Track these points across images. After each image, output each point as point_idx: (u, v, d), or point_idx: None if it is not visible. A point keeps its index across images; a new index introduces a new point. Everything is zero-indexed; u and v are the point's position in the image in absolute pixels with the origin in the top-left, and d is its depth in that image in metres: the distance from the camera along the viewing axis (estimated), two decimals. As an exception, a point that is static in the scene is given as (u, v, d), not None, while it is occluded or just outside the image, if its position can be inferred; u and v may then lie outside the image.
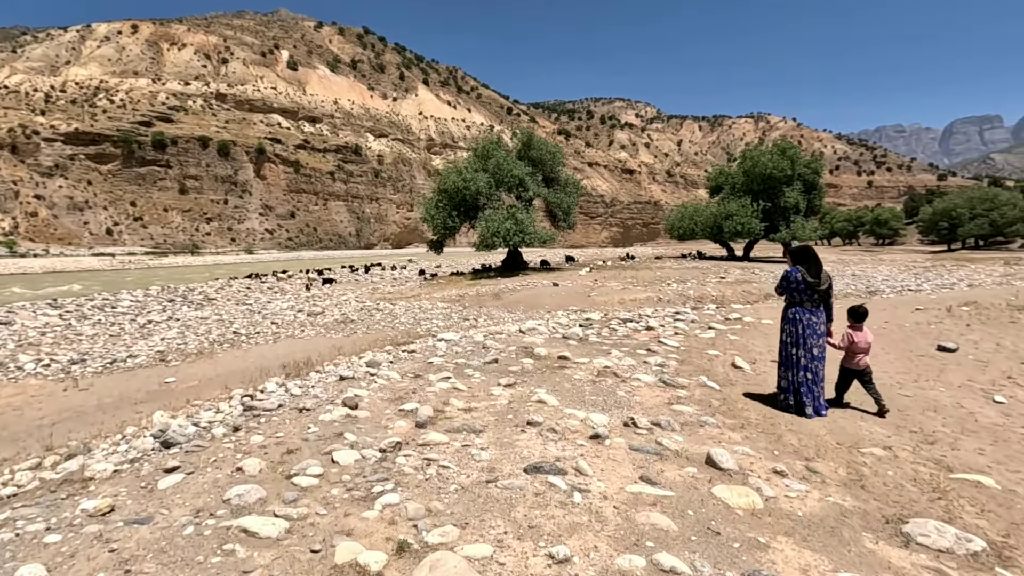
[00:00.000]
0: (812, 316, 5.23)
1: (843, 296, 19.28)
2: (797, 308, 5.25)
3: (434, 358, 6.73)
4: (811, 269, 5.20)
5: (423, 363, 6.64)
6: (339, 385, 5.65)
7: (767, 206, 39.88)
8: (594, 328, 9.67)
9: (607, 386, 5.46)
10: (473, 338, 8.40)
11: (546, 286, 22.75)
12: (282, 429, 4.26)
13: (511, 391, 5.21)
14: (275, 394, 6.25)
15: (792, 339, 5.24)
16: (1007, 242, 72.17)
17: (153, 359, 11.81)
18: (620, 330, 9.34)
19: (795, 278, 5.21)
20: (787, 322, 5.34)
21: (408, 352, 7.51)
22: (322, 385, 5.84)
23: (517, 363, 6.43)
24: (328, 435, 4.04)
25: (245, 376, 10.07)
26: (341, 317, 16.40)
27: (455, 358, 6.79)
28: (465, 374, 5.91)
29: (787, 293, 5.35)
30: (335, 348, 12.12)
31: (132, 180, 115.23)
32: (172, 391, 9.18)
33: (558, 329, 9.87)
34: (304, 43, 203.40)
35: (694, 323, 10.56)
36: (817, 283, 5.19)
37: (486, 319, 15.58)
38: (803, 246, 5.43)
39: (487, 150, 31.52)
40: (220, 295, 24.67)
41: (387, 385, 5.48)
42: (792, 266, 5.35)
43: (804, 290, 5.19)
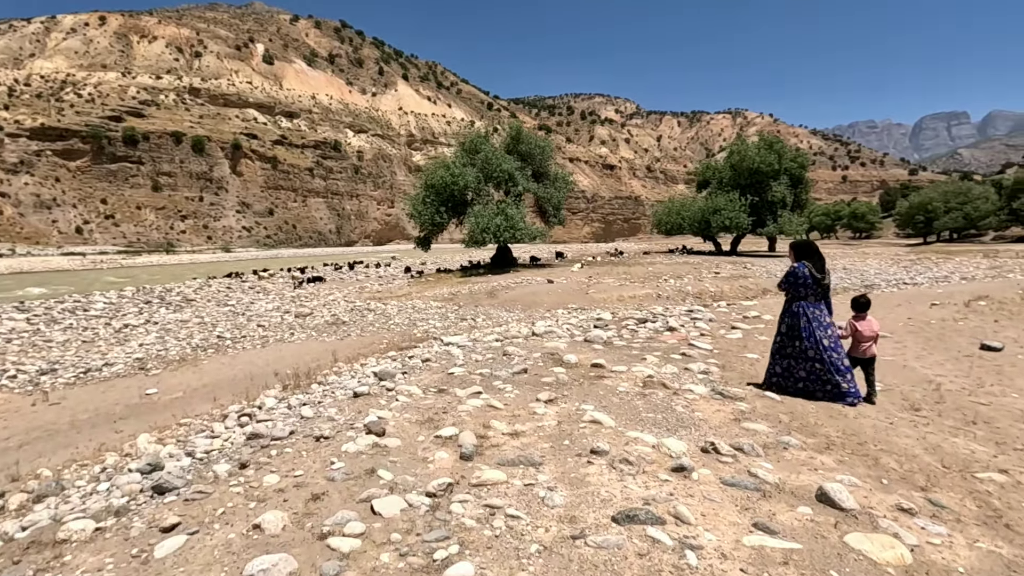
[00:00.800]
0: (816, 309, 5.29)
1: (842, 291, 19.01)
2: (801, 302, 5.30)
3: (454, 368, 6.05)
4: (816, 264, 5.29)
5: (443, 374, 5.95)
6: (355, 404, 4.94)
7: (754, 200, 39.78)
8: (611, 329, 9.07)
9: (660, 400, 4.85)
10: (489, 343, 7.72)
11: (541, 283, 22.15)
12: (299, 464, 3.55)
13: (555, 408, 4.57)
14: (277, 412, 5.52)
15: (795, 332, 5.28)
16: (979, 235, 73.70)
17: (131, 367, 10.92)
18: (641, 331, 8.76)
19: (803, 273, 5.25)
20: (790, 316, 5.37)
21: (423, 361, 6.79)
22: (333, 403, 5.13)
23: (548, 373, 5.79)
24: (358, 473, 3.35)
25: (235, 386, 9.26)
26: (331, 318, 15.57)
27: (477, 368, 6.12)
28: (496, 388, 5.25)
29: (793, 289, 5.34)
30: (330, 353, 11.35)
31: (102, 177, 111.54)
32: (155, 404, 8.36)
33: (574, 331, 9.26)
34: (280, 36, 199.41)
35: (713, 322, 10.04)
36: (823, 277, 5.28)
37: (485, 319, 14.91)
38: (806, 241, 5.52)
39: (475, 144, 30.77)
40: (199, 296, 23.57)
41: (410, 403, 4.78)
42: (796, 262, 5.38)
43: (811, 285, 5.25)
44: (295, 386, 7.03)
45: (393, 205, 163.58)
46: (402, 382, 5.64)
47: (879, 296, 15.03)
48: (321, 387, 6.58)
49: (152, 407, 8.18)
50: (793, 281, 5.30)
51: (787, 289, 5.41)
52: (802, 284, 5.25)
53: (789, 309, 5.39)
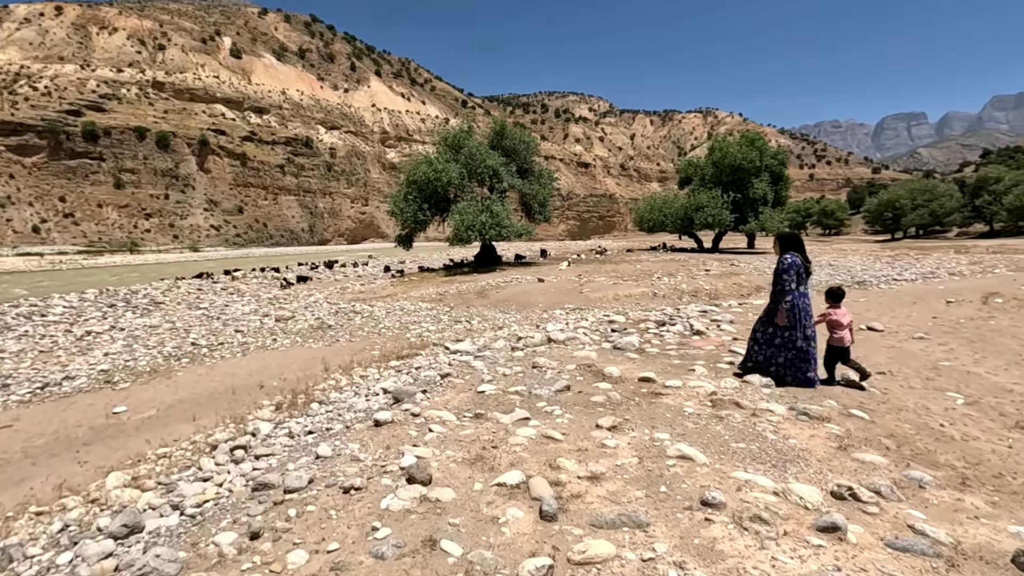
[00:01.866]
0: (805, 299, 5.39)
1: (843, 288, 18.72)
2: (795, 292, 5.36)
3: (484, 386, 5.21)
4: (803, 252, 5.45)
5: (471, 392, 5.12)
6: (378, 435, 4.08)
7: (736, 197, 39.68)
8: (633, 333, 8.35)
9: (741, 424, 4.12)
10: (504, 351, 6.91)
11: (531, 282, 21.39)
12: (330, 531, 2.71)
13: (625, 438, 3.80)
14: (276, 442, 4.64)
15: (790, 321, 5.31)
16: (943, 231, 75.66)
17: (96, 381, 9.79)
18: (667, 336, 8.06)
19: (797, 263, 5.36)
20: (791, 307, 5.36)
21: (442, 376, 5.93)
22: (345, 430, 4.26)
23: (594, 390, 5.02)
24: (413, 544, 2.53)
25: (216, 401, 8.27)
26: (316, 322, 14.54)
27: (510, 384, 5.31)
28: (542, 411, 4.46)
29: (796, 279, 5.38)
30: (319, 361, 10.40)
31: (61, 174, 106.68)
32: (124, 426, 7.33)
33: (591, 335, 8.52)
34: (248, 30, 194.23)
35: (735, 323, 9.41)
36: (809, 265, 5.46)
37: (480, 321, 14.09)
38: (792, 233, 5.66)
39: (458, 139, 29.81)
40: (169, 298, 22.17)
41: (448, 434, 3.96)
42: (785, 253, 5.50)
43: (802, 275, 5.38)
44: (291, 405, 6.12)
45: (367, 203, 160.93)
46: (425, 403, 4.80)
47: (883, 293, 14.67)
48: (323, 407, 5.69)
49: (121, 429, 7.16)
50: (795, 273, 5.35)
51: (792, 280, 5.37)
52: (797, 274, 5.35)
53: (791, 301, 5.37)
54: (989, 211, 64.81)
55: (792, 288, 5.36)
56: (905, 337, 8.16)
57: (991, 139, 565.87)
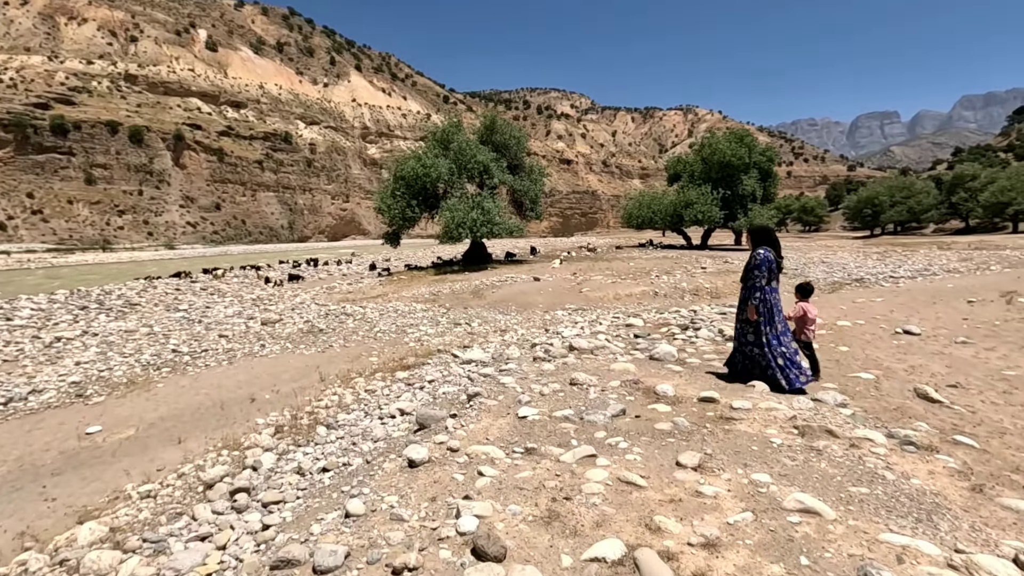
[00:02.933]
0: (775, 294, 5.27)
1: (829, 284, 18.37)
2: (766, 288, 5.25)
3: (524, 410, 4.50)
4: (776, 248, 5.33)
5: (511, 418, 4.42)
6: (416, 480, 3.34)
7: (726, 194, 39.49)
8: (661, 341, 7.73)
9: (843, 458, 3.48)
10: (525, 360, 6.22)
11: (527, 281, 20.73)
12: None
13: (721, 483, 3.13)
14: (285, 482, 3.90)
15: (766, 318, 5.20)
16: (920, 227, 76.81)
17: (66, 394, 8.88)
18: (699, 342, 7.46)
19: (770, 258, 5.23)
20: (760, 303, 5.24)
21: (469, 397, 5.19)
22: (389, 485, 3.51)
23: (652, 413, 4.37)
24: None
25: (203, 418, 7.45)
26: (305, 326, 13.68)
27: (553, 407, 4.62)
28: (603, 443, 3.78)
29: (766, 275, 5.24)
30: (313, 370, 9.61)
31: (28, 169, 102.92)
32: (99, 450, 6.48)
33: (614, 341, 7.87)
34: (224, 22, 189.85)
35: None
36: (782, 261, 5.32)
37: (480, 323, 13.38)
38: (763, 227, 5.54)
39: (447, 134, 28.99)
40: (145, 299, 21.04)
41: (504, 479, 3.25)
42: (758, 248, 5.35)
43: (774, 270, 5.24)
44: (293, 428, 5.36)
45: (348, 200, 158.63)
46: (461, 433, 4.09)
47: (896, 292, 14.25)
48: (332, 432, 4.95)
49: (96, 455, 6.32)
50: (768, 267, 5.22)
51: (763, 276, 5.23)
52: (770, 269, 5.22)
53: (761, 296, 5.26)
54: (965, 208, 65.83)
55: (763, 284, 5.23)
56: (947, 341, 7.67)
57: (960, 138, 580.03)
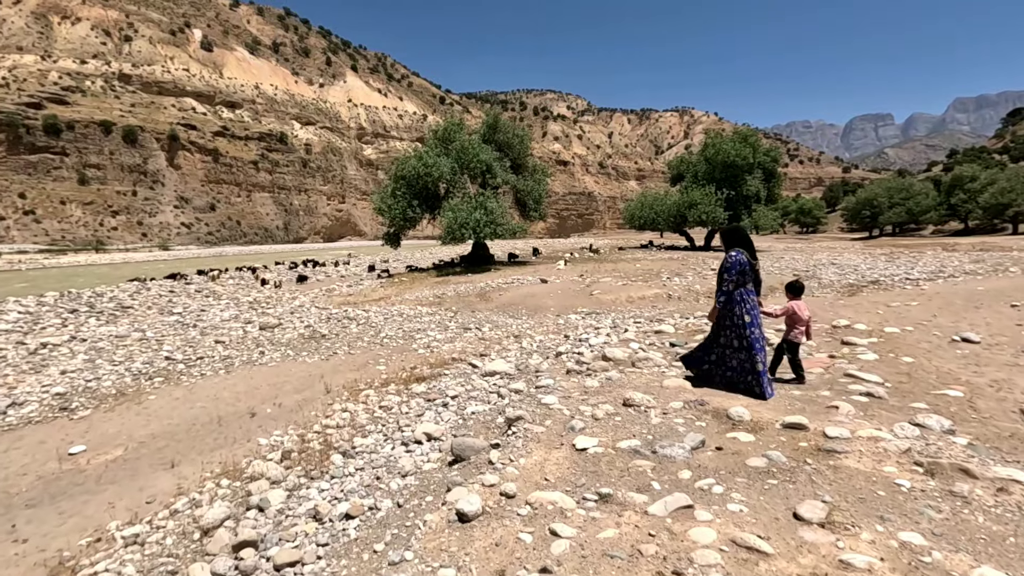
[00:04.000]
0: (752, 296, 5.14)
1: (845, 287, 17.82)
2: (742, 290, 5.13)
3: (580, 439, 3.79)
4: (750, 250, 5.16)
5: (567, 450, 3.71)
6: (473, 541, 2.65)
7: (730, 194, 38.93)
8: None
9: (999, 509, 2.82)
10: (574, 379, 5.56)
11: (533, 283, 20.08)
12: None
13: (869, 548, 2.40)
14: (297, 531, 3.25)
15: (750, 319, 5.06)
16: (918, 229, 76.53)
17: (49, 408, 8.17)
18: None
19: (742, 260, 5.10)
20: (737, 304, 5.12)
21: (510, 422, 4.50)
22: (440, 549, 2.85)
23: (735, 444, 3.67)
24: None
25: (198, 436, 6.76)
26: (306, 331, 12.98)
27: (616, 435, 3.93)
28: (692, 486, 3.06)
29: (739, 278, 5.11)
30: (318, 380, 8.93)
31: (20, 169, 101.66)
32: (81, 475, 5.79)
33: (648, 350, 7.23)
34: (219, 22, 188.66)
35: None
36: (756, 263, 5.15)
37: (491, 328, 12.71)
38: (737, 227, 5.38)
39: (449, 133, 28.33)
40: (138, 302, 20.29)
41: (586, 541, 2.55)
42: (731, 250, 5.23)
43: (748, 272, 5.10)
44: (304, 455, 4.70)
45: (344, 200, 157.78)
46: (511, 471, 3.42)
47: (929, 296, 13.64)
48: (350, 462, 4.30)
49: (77, 481, 5.63)
50: (740, 269, 5.09)
51: (736, 280, 5.09)
52: (741, 272, 5.09)
53: (733, 298, 5.13)
54: (964, 209, 65.48)
55: (729, 288, 5.09)
56: (1013, 351, 7.08)
57: (953, 140, 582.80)
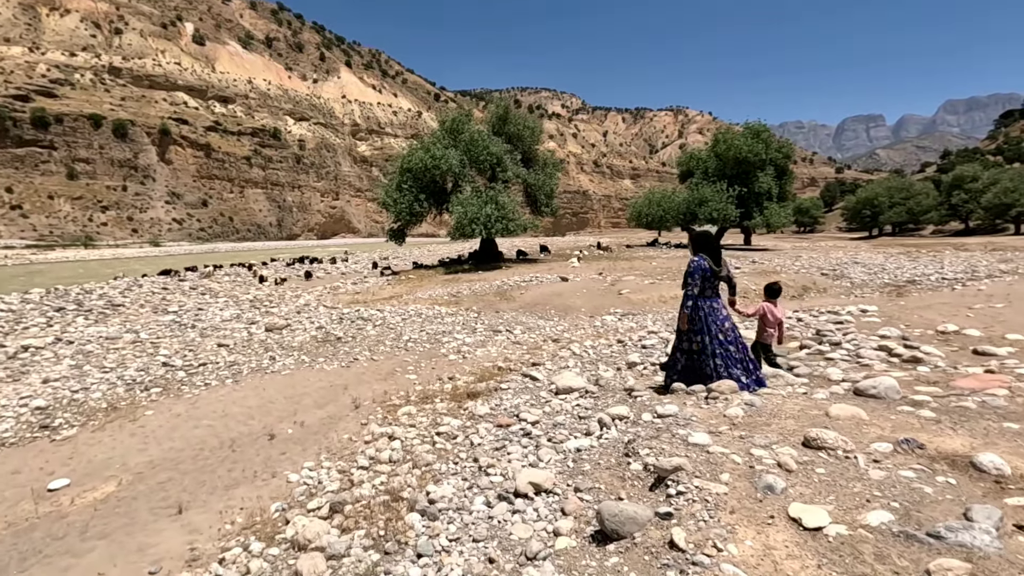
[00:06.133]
0: (713, 303, 5.16)
1: (883, 287, 16.79)
2: (699, 298, 5.12)
3: (797, 507, 2.49)
4: (713, 257, 5.13)
5: (789, 527, 2.44)
6: None
7: (741, 191, 37.91)
8: (832, 367, 5.98)
9: None
10: (711, 409, 4.41)
11: (554, 281, 18.91)
12: None
13: None
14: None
15: (703, 325, 5.10)
16: (918, 229, 76.02)
17: (28, 425, 6.91)
18: (871, 362, 5.69)
19: (704, 266, 5.09)
20: (697, 311, 5.14)
21: (658, 479, 3.30)
22: None
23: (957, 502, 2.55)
24: None
25: (207, 466, 5.52)
26: (319, 333, 11.73)
27: (844, 502, 2.73)
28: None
29: (701, 283, 5.10)
30: (342, 391, 7.71)
31: (7, 163, 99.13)
32: (63, 522, 4.56)
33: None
34: (211, 16, 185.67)
35: (904, 338, 7.09)
36: (719, 270, 5.15)
37: (523, 330, 11.53)
38: (704, 232, 5.32)
39: (457, 124, 27.09)
40: (129, 299, 18.91)
41: None
42: (695, 255, 5.20)
43: (709, 278, 5.11)
44: (362, 513, 3.49)
45: (338, 197, 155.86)
46: (728, 568, 2.22)
47: (992, 296, 12.59)
48: (433, 526, 3.11)
49: (57, 533, 4.39)
50: (701, 275, 5.08)
51: (699, 284, 5.09)
52: (704, 277, 5.09)
53: (692, 304, 5.14)
54: (965, 209, 64.97)
55: (695, 293, 5.09)
56: None
57: (944, 141, 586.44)
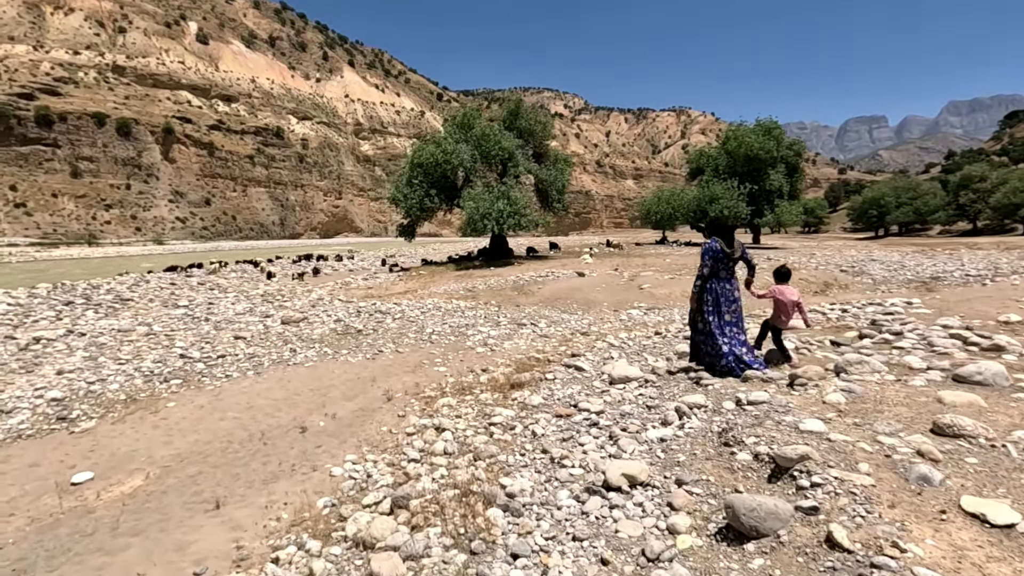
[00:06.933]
0: (726, 284, 5.41)
1: (907, 283, 16.43)
2: (713, 279, 5.40)
3: (972, 501, 2.15)
4: (727, 240, 5.35)
5: (972, 528, 2.06)
6: None
7: (753, 189, 37.53)
8: (912, 354, 5.62)
9: None
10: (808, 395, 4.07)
11: (570, 276, 18.55)
12: None
13: None
14: None
15: (713, 306, 5.37)
16: (925, 229, 75.42)
17: (44, 417, 6.56)
18: (948, 350, 5.33)
19: (716, 248, 5.34)
20: (707, 292, 5.43)
21: (779, 469, 2.94)
22: None
23: None
24: None
25: (239, 460, 5.17)
26: (338, 326, 11.39)
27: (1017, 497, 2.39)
28: None
29: (713, 265, 5.37)
30: (369, 383, 7.36)
31: (11, 161, 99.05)
32: (90, 518, 4.21)
33: (816, 350, 5.73)
34: (215, 15, 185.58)
35: (967, 328, 6.72)
36: (732, 252, 5.35)
37: (548, 324, 11.19)
38: (716, 218, 6.68)
39: (468, 118, 26.74)
40: (137, 294, 18.59)
41: None
42: (709, 238, 5.48)
43: (721, 259, 5.35)
44: (431, 508, 3.15)
45: (341, 196, 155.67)
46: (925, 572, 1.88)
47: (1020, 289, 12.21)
48: (521, 522, 2.76)
49: (86, 529, 4.04)
50: (713, 255, 5.33)
51: (710, 266, 5.37)
52: (715, 258, 5.32)
53: (705, 286, 5.43)
54: (973, 209, 64.42)
55: (704, 273, 5.40)
56: None
57: (947, 142, 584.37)
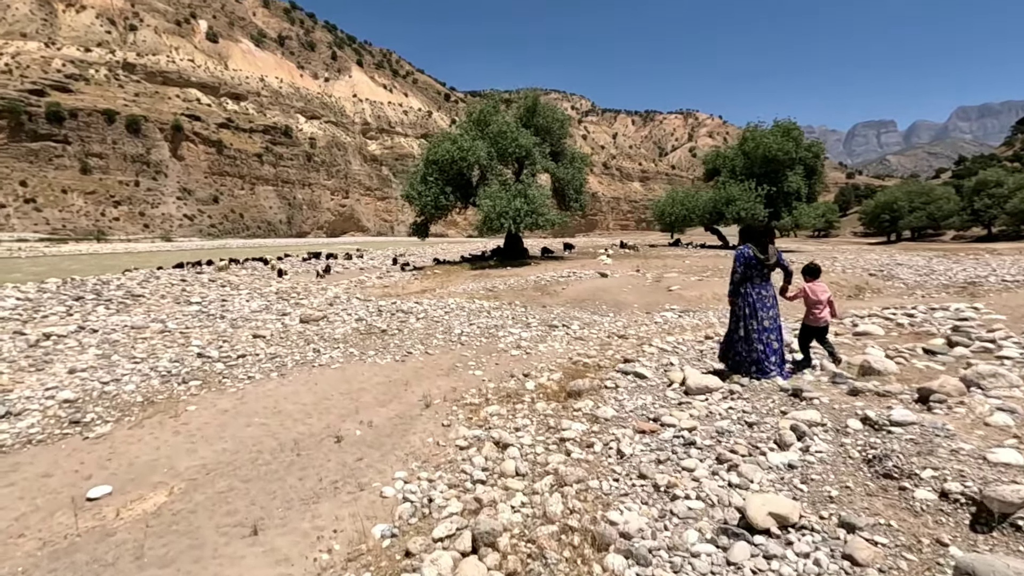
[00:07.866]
0: (762, 290, 5.41)
1: (944, 287, 15.81)
2: (747, 284, 5.40)
3: None
4: (760, 246, 5.34)
5: None
6: None
7: (771, 190, 36.80)
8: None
9: None
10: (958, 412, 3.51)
11: (592, 277, 17.98)
12: None
13: None
14: None
15: (750, 311, 5.37)
16: (938, 234, 74.33)
17: (56, 420, 6.06)
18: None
19: (748, 254, 5.35)
20: (741, 297, 5.45)
21: None
22: None
23: None
24: None
25: (272, 473, 4.64)
26: (360, 325, 10.87)
27: None
28: None
29: (745, 271, 5.38)
30: (403, 387, 6.82)
31: (22, 157, 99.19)
32: (110, 541, 3.68)
33: (914, 359, 5.16)
34: (225, 14, 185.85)
35: None
36: (766, 258, 5.33)
37: (581, 326, 10.63)
38: (748, 224, 5.78)
39: (485, 115, 26.21)
40: (148, 290, 18.13)
41: None
42: (742, 244, 5.45)
43: (755, 265, 5.35)
44: (525, 551, 2.59)
45: (348, 195, 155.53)
46: None
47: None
48: (636, 567, 2.17)
49: (106, 557, 3.51)
50: (744, 262, 5.35)
51: (741, 272, 5.38)
52: (748, 264, 5.35)
53: (738, 292, 5.45)
54: (989, 214, 63.35)
55: (735, 279, 5.43)
56: None
57: (956, 148, 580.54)
